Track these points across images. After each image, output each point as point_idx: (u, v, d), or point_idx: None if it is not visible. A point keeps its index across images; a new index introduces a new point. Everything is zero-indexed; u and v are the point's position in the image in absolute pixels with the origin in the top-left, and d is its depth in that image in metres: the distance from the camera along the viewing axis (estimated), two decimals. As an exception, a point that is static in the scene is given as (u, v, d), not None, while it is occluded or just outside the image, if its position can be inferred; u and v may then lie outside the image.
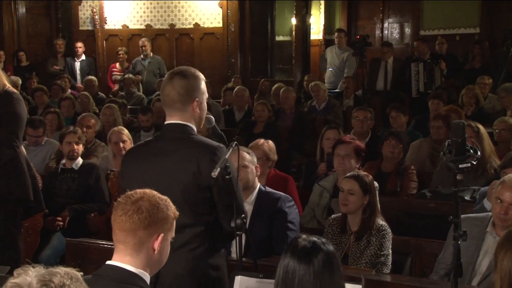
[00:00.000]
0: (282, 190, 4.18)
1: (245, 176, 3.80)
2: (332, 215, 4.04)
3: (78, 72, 11.40)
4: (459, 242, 2.75)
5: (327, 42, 12.61)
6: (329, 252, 2.27)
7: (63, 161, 5.45)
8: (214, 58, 11.60)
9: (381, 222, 3.80)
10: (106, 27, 12.02)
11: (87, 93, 9.01)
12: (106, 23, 12.00)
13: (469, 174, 4.80)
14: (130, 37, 11.94)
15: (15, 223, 4.23)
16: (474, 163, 2.75)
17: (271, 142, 4.71)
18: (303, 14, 11.02)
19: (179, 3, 11.77)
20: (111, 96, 10.19)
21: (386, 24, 12.40)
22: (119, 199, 2.26)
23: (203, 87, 2.92)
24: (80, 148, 5.45)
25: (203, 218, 2.81)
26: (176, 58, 11.81)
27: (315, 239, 2.30)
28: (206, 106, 2.98)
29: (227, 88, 9.61)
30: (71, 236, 4.40)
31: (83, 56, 11.51)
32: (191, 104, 2.86)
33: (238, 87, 8.99)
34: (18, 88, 4.32)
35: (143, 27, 11.91)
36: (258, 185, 3.96)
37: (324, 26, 13.35)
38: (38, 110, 8.34)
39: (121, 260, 2.21)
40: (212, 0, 11.48)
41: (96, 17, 11.93)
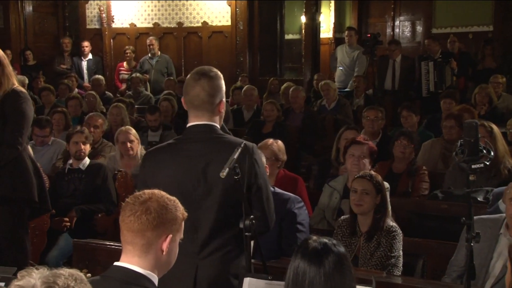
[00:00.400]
0: (291, 191, 4.17)
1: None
2: (342, 216, 4.02)
3: (85, 71, 11.43)
4: (472, 244, 2.74)
5: (337, 41, 12.58)
6: (340, 254, 2.26)
7: (70, 161, 5.47)
8: (222, 57, 11.60)
9: (391, 223, 3.79)
10: (114, 25, 12.05)
11: (94, 92, 9.04)
12: (113, 22, 12.03)
13: (482, 175, 4.78)
14: (138, 35, 11.97)
15: (21, 223, 4.25)
16: (487, 163, 2.74)
17: (280, 142, 4.70)
18: (313, 12, 11.00)
19: (187, 1, 11.78)
20: (118, 95, 10.23)
21: (397, 22, 12.36)
22: (127, 199, 2.26)
23: (224, 86, 2.99)
24: (87, 148, 5.46)
25: (238, 220, 2.80)
26: (184, 57, 11.83)
27: (326, 241, 2.29)
28: None
29: (236, 87, 9.62)
30: (78, 236, 4.42)
31: (90, 55, 11.55)
32: (218, 104, 2.90)
33: (246, 86, 8.99)
34: (25, 87, 4.34)
35: (150, 25, 11.93)
36: (267, 185, 3.95)
37: (334, 24, 13.32)
38: (45, 109, 8.37)
39: (129, 261, 2.21)
40: (220, -2, 11.52)
41: (104, 15, 11.97)
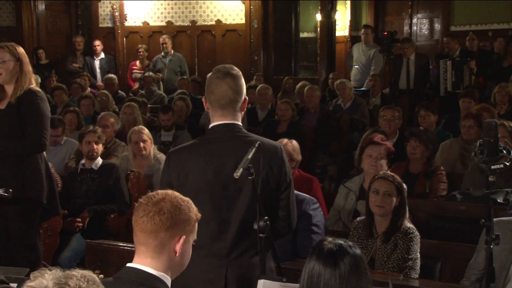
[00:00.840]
0: (306, 192, 4.17)
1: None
2: (358, 218, 4.01)
3: (97, 70, 11.49)
4: (492, 247, 2.73)
5: (353, 39, 12.57)
6: (356, 256, 2.25)
7: (83, 161, 5.49)
8: (236, 55, 11.60)
9: (408, 224, 3.77)
10: (126, 24, 12.11)
11: (106, 91, 9.09)
12: (126, 20, 12.09)
13: (501, 176, 4.74)
14: (151, 34, 12.01)
15: (33, 224, 4.29)
16: (507, 164, 2.72)
17: (295, 142, 4.70)
18: (329, 10, 10.98)
19: (200, -1, 11.82)
20: (131, 94, 10.27)
21: (415, 20, 12.31)
22: (140, 199, 2.27)
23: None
24: (99, 147, 5.48)
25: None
26: (197, 56, 11.86)
27: (342, 242, 2.29)
28: None
29: (250, 86, 9.57)
30: (91, 237, 4.44)
31: (102, 54, 11.61)
32: (243, 102, 2.92)
33: (261, 85, 8.98)
34: (37, 87, 4.40)
35: (163, 24, 11.97)
36: (282, 186, 3.95)
37: (350, 22, 13.30)
38: (57, 109, 8.41)
39: (142, 263, 2.22)
40: (234, -4, 11.53)
41: (116, 14, 12.03)
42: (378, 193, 3.75)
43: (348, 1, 13.25)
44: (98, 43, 11.55)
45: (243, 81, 2.96)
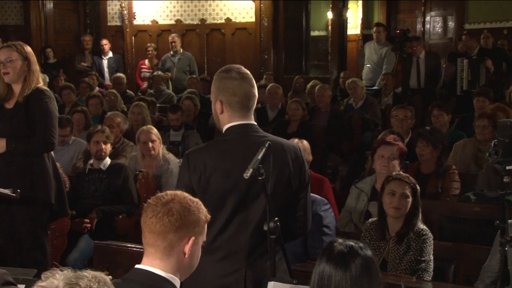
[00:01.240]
0: (317, 193, 4.17)
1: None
2: (370, 219, 4.00)
3: (105, 69, 11.53)
4: (506, 249, 2.72)
5: (365, 37, 12.55)
6: (367, 257, 2.25)
7: (91, 161, 5.51)
8: (246, 54, 11.62)
9: (421, 226, 3.75)
10: (135, 22, 12.14)
11: (114, 91, 9.12)
12: (135, 19, 12.13)
13: (516, 177, 4.72)
14: (160, 32, 12.04)
15: (41, 225, 4.31)
16: (523, 164, 2.71)
17: (305, 142, 4.70)
18: (340, 8, 10.98)
19: (210, -3, 11.84)
20: (139, 94, 10.31)
21: (428, 18, 12.28)
22: (149, 200, 2.27)
23: None
24: (108, 147, 5.50)
25: (284, 222, 2.79)
26: (206, 54, 11.87)
27: (352, 244, 2.29)
28: None
29: (260, 85, 9.54)
30: (99, 238, 4.45)
31: (110, 53, 11.65)
32: (256, 102, 2.93)
33: (271, 84, 8.99)
34: (45, 86, 4.42)
35: (173, 22, 12.00)
36: (292, 187, 3.95)
37: (362, 20, 13.29)
38: (65, 108, 8.45)
39: (150, 264, 2.23)
40: (244, -6, 11.53)
41: (125, 12, 12.07)
42: (395, 194, 3.74)
43: (360, -1, 13.26)
44: (105, 42, 11.59)
45: None
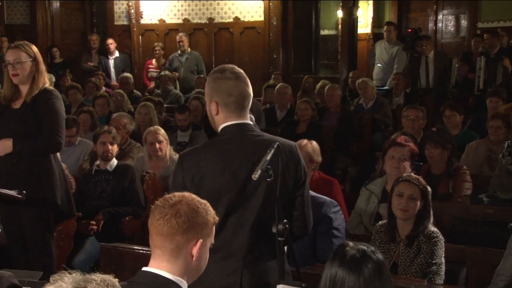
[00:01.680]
0: (326, 194, 4.16)
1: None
2: (380, 222, 3.99)
3: (112, 69, 11.55)
4: (520, 252, 2.71)
5: (376, 36, 12.51)
6: (379, 262, 2.27)
7: (97, 162, 5.53)
8: (255, 53, 11.62)
9: (432, 228, 3.75)
10: (142, 21, 12.17)
11: (121, 91, 9.14)
12: (142, 18, 12.16)
13: (530, 178, 4.71)
14: (167, 32, 12.06)
15: (48, 227, 4.33)
16: (537, 166, 2.70)
17: (314, 143, 4.70)
18: (350, 6, 10.96)
19: (218, -4, 11.85)
20: (146, 94, 10.33)
21: (440, 16, 12.24)
22: (156, 202, 2.27)
23: None
24: (114, 148, 5.51)
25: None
26: (214, 54, 11.88)
27: (364, 248, 2.30)
28: None
29: (269, 85, 9.62)
30: (105, 240, 4.46)
31: (117, 53, 11.67)
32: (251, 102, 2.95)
33: (280, 84, 8.99)
34: (52, 86, 4.44)
35: (180, 21, 12.01)
36: (301, 188, 3.95)
37: (373, 19, 13.25)
38: (71, 108, 8.48)
39: (157, 267, 2.23)
40: (253, -8, 11.54)
41: (132, 11, 12.10)
42: (402, 196, 3.74)
43: (371, -3, 13.23)
44: (111, 42, 11.62)
45: None
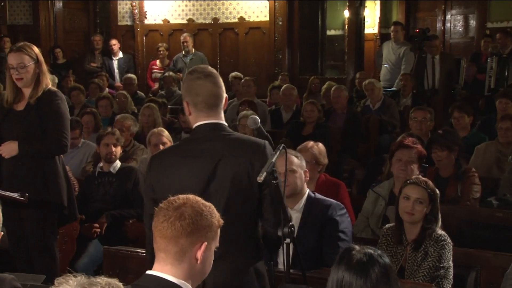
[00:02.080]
0: (333, 197, 4.17)
1: (293, 181, 3.80)
2: (387, 225, 3.99)
3: (115, 70, 11.57)
4: (529, 256, 2.70)
5: (383, 37, 12.51)
6: (386, 265, 2.28)
7: (101, 164, 5.53)
8: (260, 54, 11.62)
9: (440, 231, 3.74)
10: (146, 22, 12.19)
11: (125, 92, 9.14)
12: (146, 18, 12.18)
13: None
14: (171, 32, 12.08)
15: (51, 230, 4.35)
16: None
17: (321, 145, 4.70)
18: (357, 6, 10.95)
19: (222, -5, 11.85)
20: (150, 95, 10.33)
21: (448, 16, 12.22)
22: (160, 204, 2.28)
23: None
24: (118, 150, 5.52)
25: (250, 223, 2.84)
26: (219, 54, 11.89)
27: (371, 252, 2.31)
28: None
29: (274, 86, 9.61)
30: (109, 243, 4.47)
31: (120, 54, 11.69)
32: (225, 101, 2.98)
33: (285, 85, 8.98)
34: (55, 87, 4.46)
35: (184, 21, 12.02)
36: (307, 191, 3.95)
37: (380, 19, 13.25)
38: (74, 110, 8.49)
39: (161, 270, 2.24)
40: (258, -8, 11.54)
41: (136, 11, 12.12)
42: (409, 199, 3.74)
43: (378, -3, 13.22)
44: (114, 42, 11.63)
45: None
